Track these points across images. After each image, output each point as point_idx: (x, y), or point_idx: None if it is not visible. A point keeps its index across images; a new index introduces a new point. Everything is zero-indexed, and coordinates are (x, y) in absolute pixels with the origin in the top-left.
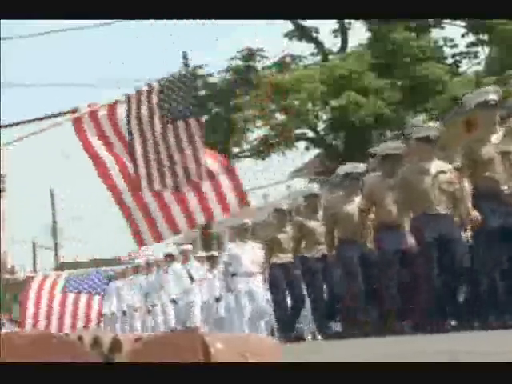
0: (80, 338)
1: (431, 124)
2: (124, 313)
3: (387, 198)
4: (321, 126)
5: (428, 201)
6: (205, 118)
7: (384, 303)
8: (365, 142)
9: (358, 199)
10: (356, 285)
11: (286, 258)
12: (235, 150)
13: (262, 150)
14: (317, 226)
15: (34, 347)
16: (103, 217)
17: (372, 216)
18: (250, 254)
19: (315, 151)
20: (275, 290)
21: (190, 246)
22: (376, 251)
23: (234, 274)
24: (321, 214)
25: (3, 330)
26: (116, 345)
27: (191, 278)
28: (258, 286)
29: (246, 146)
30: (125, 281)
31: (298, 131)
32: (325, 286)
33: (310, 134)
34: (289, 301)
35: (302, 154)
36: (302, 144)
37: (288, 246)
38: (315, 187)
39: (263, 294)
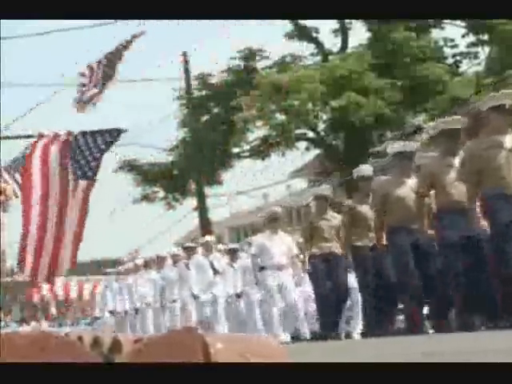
0: (80, 338)
1: (508, 91)
2: (136, 311)
3: (450, 178)
4: (321, 126)
5: (502, 179)
6: (205, 118)
7: (445, 296)
8: (365, 142)
9: (410, 181)
10: (408, 276)
11: (328, 247)
12: (235, 150)
13: (262, 149)
14: (369, 211)
15: (33, 347)
16: (103, 217)
17: (428, 200)
18: (280, 246)
19: (315, 151)
20: (315, 283)
21: (212, 237)
22: (434, 238)
23: (262, 268)
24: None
25: (4, 330)
26: (116, 345)
27: (214, 271)
28: (289, 279)
29: (246, 146)
30: (135, 276)
31: (298, 131)
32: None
33: (310, 134)
34: (331, 295)
35: (302, 154)
36: (302, 144)
37: (330, 234)
38: (368, 168)
39: (294, 289)
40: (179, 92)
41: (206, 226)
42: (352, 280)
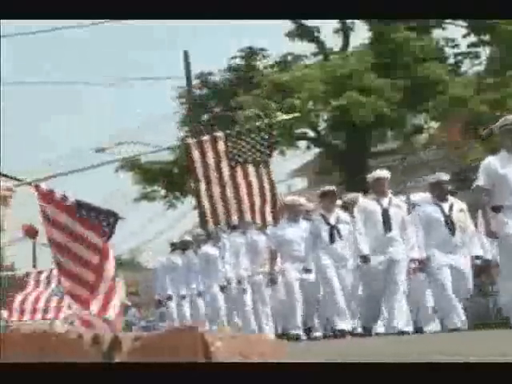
0: (80, 337)
1: None
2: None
3: None
4: (321, 125)
5: None
6: (205, 117)
7: None
8: (365, 141)
9: None
10: None
11: None
12: None
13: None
14: None
15: (33, 346)
16: None
17: None
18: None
19: (316, 151)
20: None
21: (333, 188)
22: None
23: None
24: None
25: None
26: (116, 343)
27: (332, 236)
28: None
29: None
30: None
31: (299, 131)
32: None
33: (311, 133)
34: None
35: (302, 154)
36: (302, 143)
37: None
38: None
39: (467, 264)
40: (180, 91)
41: (206, 225)
42: None
